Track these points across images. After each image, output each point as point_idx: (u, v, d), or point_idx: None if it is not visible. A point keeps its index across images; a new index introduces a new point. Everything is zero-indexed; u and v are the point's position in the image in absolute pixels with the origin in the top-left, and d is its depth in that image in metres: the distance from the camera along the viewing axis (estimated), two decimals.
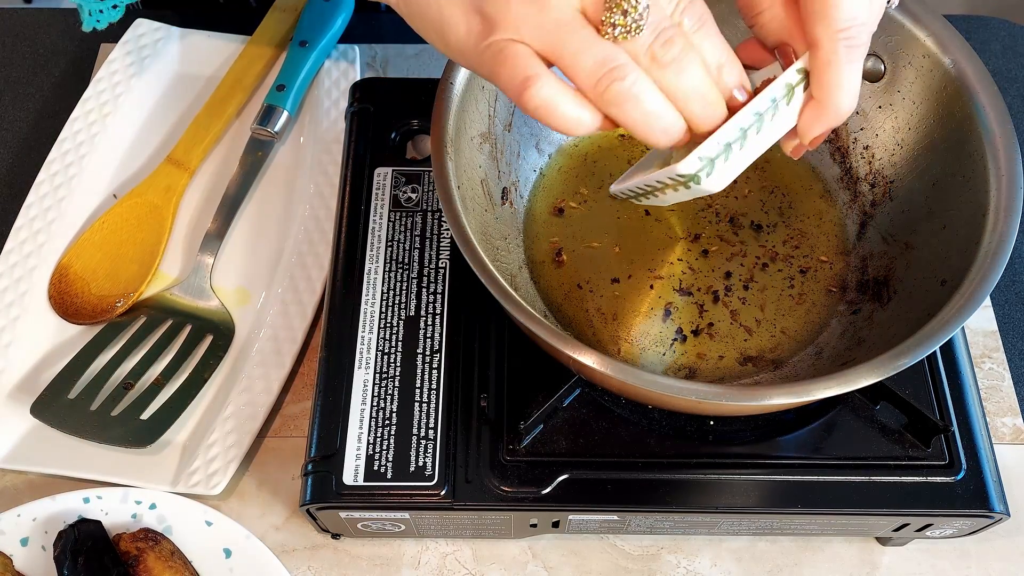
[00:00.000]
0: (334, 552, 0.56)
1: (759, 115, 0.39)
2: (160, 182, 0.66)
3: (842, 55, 0.38)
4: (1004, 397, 0.61)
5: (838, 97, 0.39)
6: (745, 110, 0.38)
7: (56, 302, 0.62)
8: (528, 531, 0.53)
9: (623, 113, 0.37)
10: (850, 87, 0.39)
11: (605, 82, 0.36)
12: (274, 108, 0.68)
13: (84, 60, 0.76)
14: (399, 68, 0.74)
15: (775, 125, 0.39)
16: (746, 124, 0.38)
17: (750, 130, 0.39)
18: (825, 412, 0.51)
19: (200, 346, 0.61)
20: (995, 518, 0.49)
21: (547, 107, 0.37)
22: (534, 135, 0.57)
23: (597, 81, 0.36)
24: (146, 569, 0.51)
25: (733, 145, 0.38)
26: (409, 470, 0.49)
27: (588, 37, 0.37)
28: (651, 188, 0.42)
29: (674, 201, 0.42)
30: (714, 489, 0.49)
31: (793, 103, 0.39)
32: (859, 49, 0.38)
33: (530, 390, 0.50)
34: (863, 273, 0.55)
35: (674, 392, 0.42)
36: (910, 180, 0.54)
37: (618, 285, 0.55)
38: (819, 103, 0.39)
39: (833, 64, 0.38)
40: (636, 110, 0.37)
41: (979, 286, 0.44)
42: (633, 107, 0.37)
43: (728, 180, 0.39)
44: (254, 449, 0.59)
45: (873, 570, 0.56)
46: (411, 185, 0.58)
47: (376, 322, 0.54)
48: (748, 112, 0.38)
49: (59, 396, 0.58)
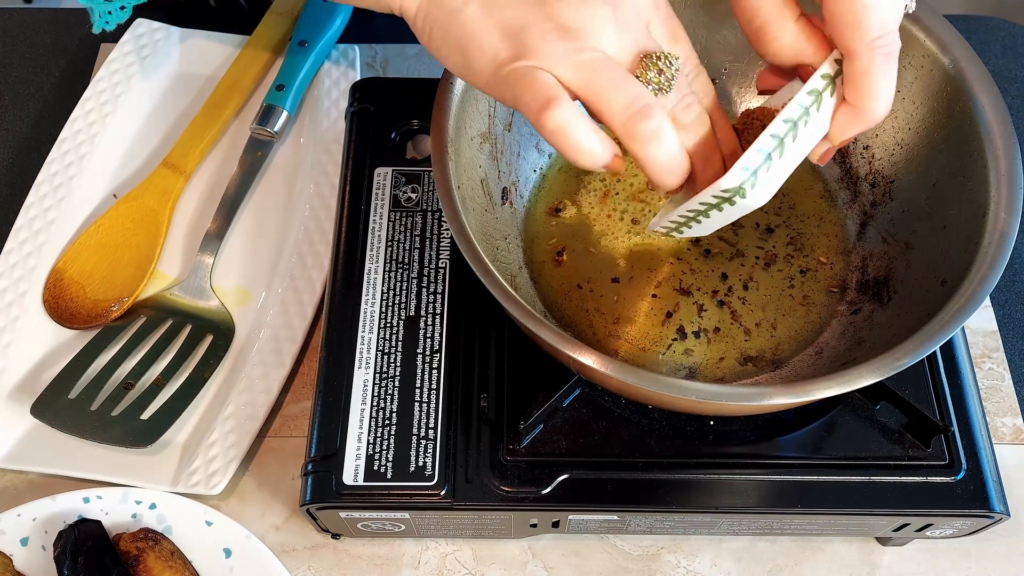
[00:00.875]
0: (334, 552, 0.56)
1: (792, 122, 0.39)
2: (156, 186, 0.66)
3: (879, 64, 0.39)
4: (1004, 397, 0.61)
5: (875, 104, 0.40)
6: (776, 120, 0.39)
7: (51, 306, 0.62)
8: (528, 531, 0.53)
9: (647, 151, 0.39)
10: (887, 94, 0.40)
11: (637, 118, 0.38)
12: (273, 108, 0.68)
13: (84, 60, 0.76)
14: (399, 68, 0.74)
15: (809, 131, 0.40)
16: (781, 132, 0.39)
17: (786, 138, 0.39)
18: (825, 412, 0.51)
19: (200, 346, 0.61)
20: (995, 518, 0.49)
21: (564, 130, 0.38)
22: (534, 135, 0.57)
23: (629, 116, 0.38)
24: (146, 569, 0.51)
25: (772, 154, 0.39)
26: (409, 470, 0.49)
27: (622, 75, 0.38)
28: (693, 214, 0.42)
29: (717, 226, 0.43)
30: (714, 489, 0.49)
31: (823, 108, 0.40)
32: (893, 56, 0.39)
33: (530, 390, 0.50)
34: (863, 273, 0.55)
35: (674, 392, 0.42)
36: (910, 180, 0.54)
37: (618, 285, 0.55)
38: (856, 109, 0.40)
39: (871, 73, 0.39)
40: (660, 150, 0.39)
41: (979, 286, 0.44)
42: (657, 147, 0.38)
43: (771, 192, 0.40)
44: (254, 449, 0.59)
45: (873, 570, 0.56)
46: (411, 185, 0.58)
47: (376, 322, 0.54)
48: (779, 121, 0.39)
49: (59, 396, 0.58)
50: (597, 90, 0.38)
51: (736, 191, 0.39)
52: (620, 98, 0.38)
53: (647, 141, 0.38)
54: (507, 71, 0.39)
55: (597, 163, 0.39)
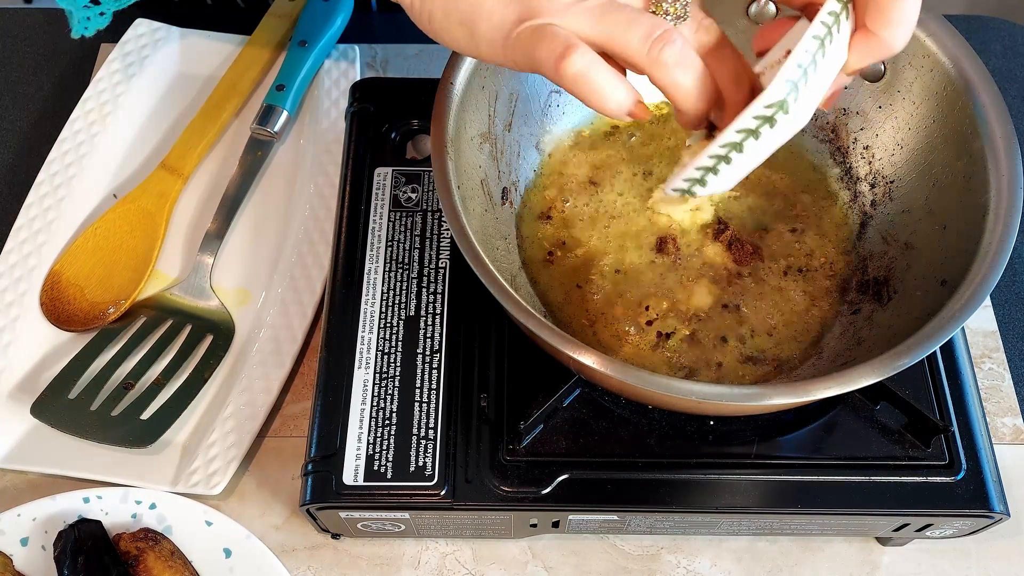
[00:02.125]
0: (334, 552, 0.56)
1: (818, 39, 0.38)
2: (153, 188, 0.66)
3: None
4: (1004, 397, 0.61)
5: (897, 32, 0.39)
6: (805, 37, 0.38)
7: (48, 309, 0.61)
8: (528, 531, 0.53)
9: (674, 76, 0.38)
10: (910, 21, 0.39)
11: (659, 44, 0.38)
12: (274, 108, 0.68)
13: (84, 60, 0.76)
14: (399, 68, 0.74)
15: (834, 50, 0.39)
16: (812, 49, 0.38)
17: (816, 54, 0.38)
18: (825, 412, 0.51)
19: (200, 346, 0.61)
20: (995, 518, 0.49)
21: (585, 76, 0.38)
22: (534, 135, 0.57)
23: (652, 44, 0.38)
24: (146, 569, 0.51)
25: (808, 69, 0.38)
26: (409, 470, 0.49)
27: (635, 12, 0.38)
28: (726, 150, 0.41)
29: (747, 169, 0.41)
30: (714, 489, 0.49)
31: (843, 30, 0.39)
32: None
33: (530, 390, 0.50)
34: (863, 273, 0.55)
35: (674, 392, 0.42)
36: (910, 180, 0.54)
37: (618, 285, 0.55)
38: (877, 37, 0.39)
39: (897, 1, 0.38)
40: (687, 75, 0.38)
41: (979, 286, 0.44)
42: (684, 72, 0.38)
43: (809, 111, 0.39)
44: (254, 449, 0.59)
45: (873, 570, 0.56)
46: (411, 185, 0.58)
47: (376, 322, 0.54)
48: (808, 37, 0.38)
49: (59, 396, 0.58)
50: (614, 31, 0.38)
51: (780, 106, 0.38)
52: (638, 31, 0.38)
53: (674, 66, 0.38)
54: (517, 33, 0.39)
55: (622, 107, 0.39)
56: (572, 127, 0.59)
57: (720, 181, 0.42)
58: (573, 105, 0.58)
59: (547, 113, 0.58)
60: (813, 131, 0.58)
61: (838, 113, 0.57)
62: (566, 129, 0.59)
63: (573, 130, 0.59)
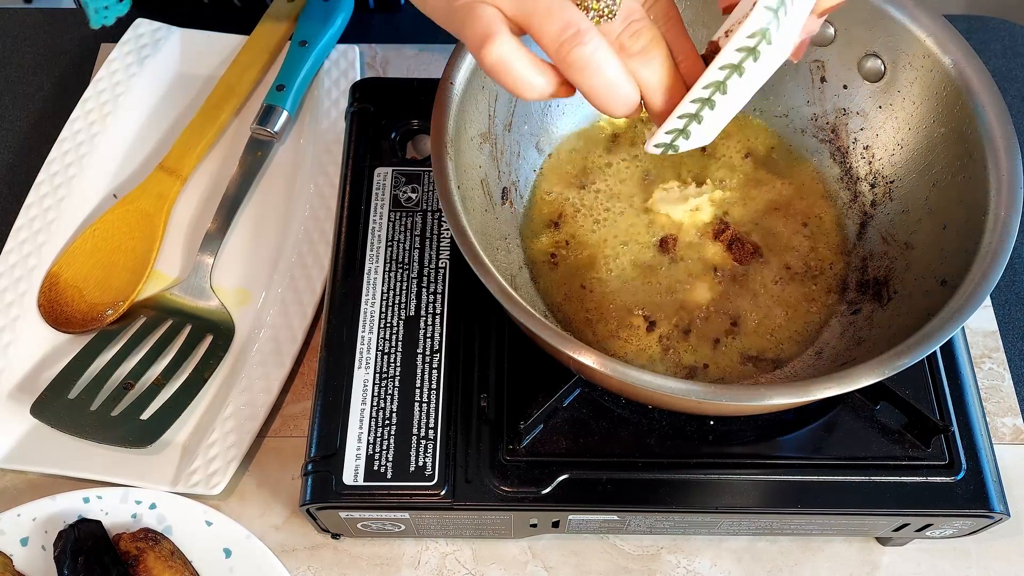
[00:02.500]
0: (334, 552, 0.56)
1: None
2: (152, 189, 0.66)
3: None
4: (1004, 397, 0.61)
5: None
6: None
7: (46, 310, 0.61)
8: (528, 531, 0.53)
9: (584, 79, 0.38)
10: None
11: (568, 45, 0.37)
12: (274, 108, 0.68)
13: (84, 60, 0.76)
14: (399, 68, 0.74)
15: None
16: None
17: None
18: (825, 412, 0.51)
19: (200, 346, 0.61)
20: (995, 518, 0.49)
21: (502, 64, 0.38)
22: (534, 135, 0.57)
23: (561, 44, 0.37)
24: (146, 569, 0.51)
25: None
26: (409, 470, 0.49)
27: (558, 3, 0.37)
28: (700, 103, 0.39)
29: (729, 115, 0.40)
30: (714, 489, 0.49)
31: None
32: None
33: (530, 390, 0.50)
34: (863, 273, 0.55)
35: (674, 392, 0.42)
36: (910, 180, 0.54)
37: (619, 285, 0.55)
38: None
39: None
40: (597, 77, 0.38)
41: (979, 286, 0.44)
42: (594, 74, 0.38)
43: (791, 43, 0.38)
44: (254, 449, 0.59)
45: (873, 570, 0.56)
46: (411, 185, 0.58)
47: (376, 322, 0.54)
48: None
49: (59, 396, 0.58)
50: (536, 19, 0.37)
51: (762, 34, 0.37)
52: (553, 25, 0.37)
53: (581, 69, 0.37)
54: (456, 6, 0.39)
55: (540, 95, 0.39)
56: (572, 127, 0.59)
57: (704, 131, 0.41)
58: (573, 105, 0.58)
59: (547, 113, 0.58)
60: (813, 131, 0.58)
61: (838, 113, 0.57)
62: (566, 129, 0.59)
63: (573, 130, 0.59)
